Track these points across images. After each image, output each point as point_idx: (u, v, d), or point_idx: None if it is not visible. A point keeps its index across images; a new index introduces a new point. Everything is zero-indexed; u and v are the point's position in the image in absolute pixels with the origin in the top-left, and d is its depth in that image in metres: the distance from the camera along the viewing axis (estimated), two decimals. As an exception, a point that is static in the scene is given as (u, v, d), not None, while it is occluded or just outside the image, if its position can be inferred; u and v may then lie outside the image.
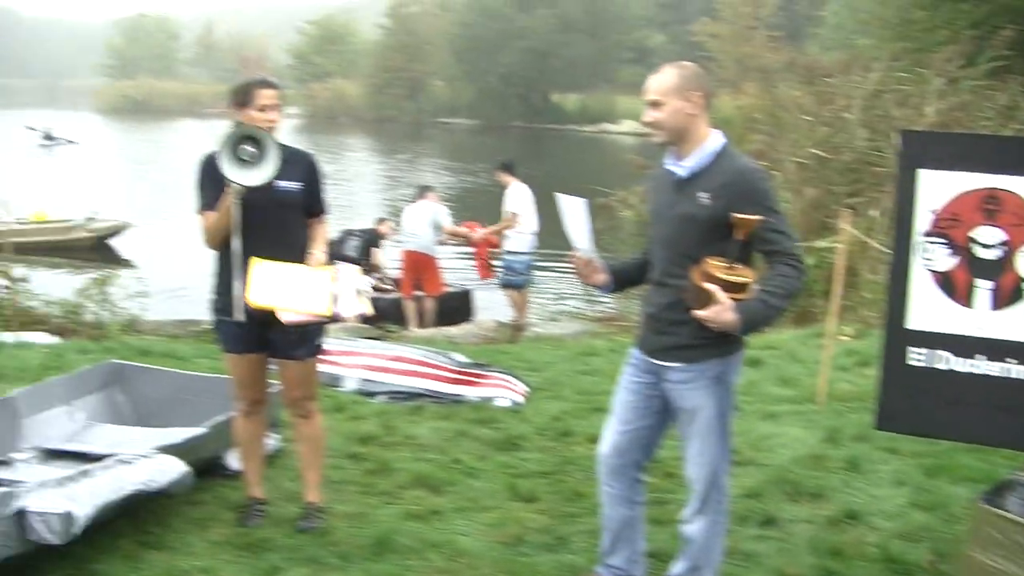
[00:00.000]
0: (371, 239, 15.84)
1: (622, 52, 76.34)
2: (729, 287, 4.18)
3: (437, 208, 14.78)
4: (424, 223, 14.52)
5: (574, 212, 4.67)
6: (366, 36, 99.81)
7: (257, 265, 5.30)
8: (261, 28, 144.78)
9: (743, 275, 4.25)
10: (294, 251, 5.48)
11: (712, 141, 4.48)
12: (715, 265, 4.24)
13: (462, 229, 15.42)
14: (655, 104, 4.46)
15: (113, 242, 25.57)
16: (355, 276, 5.49)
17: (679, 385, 4.58)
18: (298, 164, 5.56)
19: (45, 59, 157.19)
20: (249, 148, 5.18)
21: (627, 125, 66.07)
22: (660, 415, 4.76)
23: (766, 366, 9.85)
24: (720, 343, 4.45)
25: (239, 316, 5.39)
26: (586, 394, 8.88)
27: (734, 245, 4.27)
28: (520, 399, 8.75)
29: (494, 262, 15.36)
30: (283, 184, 5.44)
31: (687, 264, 4.36)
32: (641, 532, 4.96)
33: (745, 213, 4.23)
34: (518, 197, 14.18)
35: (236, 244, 5.38)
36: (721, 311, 4.17)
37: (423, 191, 15.35)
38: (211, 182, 5.44)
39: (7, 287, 12.85)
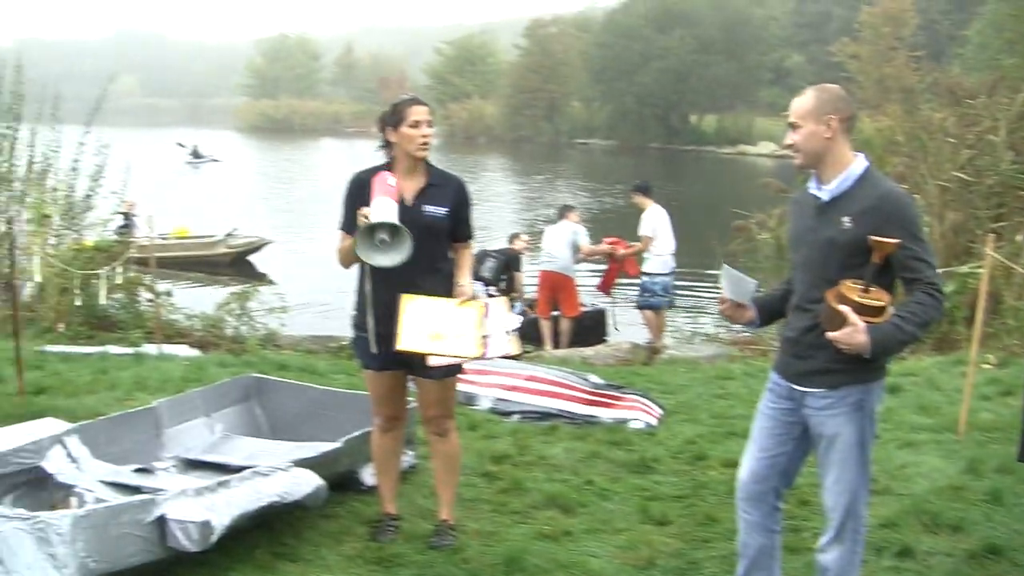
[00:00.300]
0: (509, 260, 15.79)
1: (761, 73, 75.71)
2: (863, 310, 4.13)
3: (577, 228, 14.75)
4: (563, 244, 14.51)
5: (740, 287, 4.66)
6: (503, 56, 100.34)
7: (408, 303, 5.33)
8: (399, 48, 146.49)
9: (879, 298, 4.19)
10: (438, 276, 5.52)
11: (856, 165, 4.42)
12: (850, 287, 4.20)
13: (603, 247, 15.37)
14: (793, 126, 4.46)
15: (252, 258, 26.02)
16: (504, 313, 5.46)
17: (819, 411, 4.49)
18: (447, 189, 5.58)
19: (189, 80, 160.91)
20: (383, 236, 5.21)
21: (765, 147, 65.48)
22: (799, 441, 4.67)
23: (905, 393, 9.64)
24: (861, 369, 4.35)
25: (373, 349, 5.47)
26: (721, 418, 8.80)
27: (871, 268, 4.21)
28: (655, 422, 8.69)
29: (616, 282, 15.29)
30: (430, 209, 5.48)
31: (827, 288, 4.30)
32: (778, 560, 4.86)
33: (887, 237, 4.16)
34: (654, 219, 14.10)
35: (368, 287, 5.48)
36: (853, 333, 4.13)
37: (564, 211, 15.34)
38: (354, 204, 5.49)
39: (151, 300, 13.15)
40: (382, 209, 5.22)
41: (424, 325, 5.31)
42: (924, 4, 70.44)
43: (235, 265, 25.32)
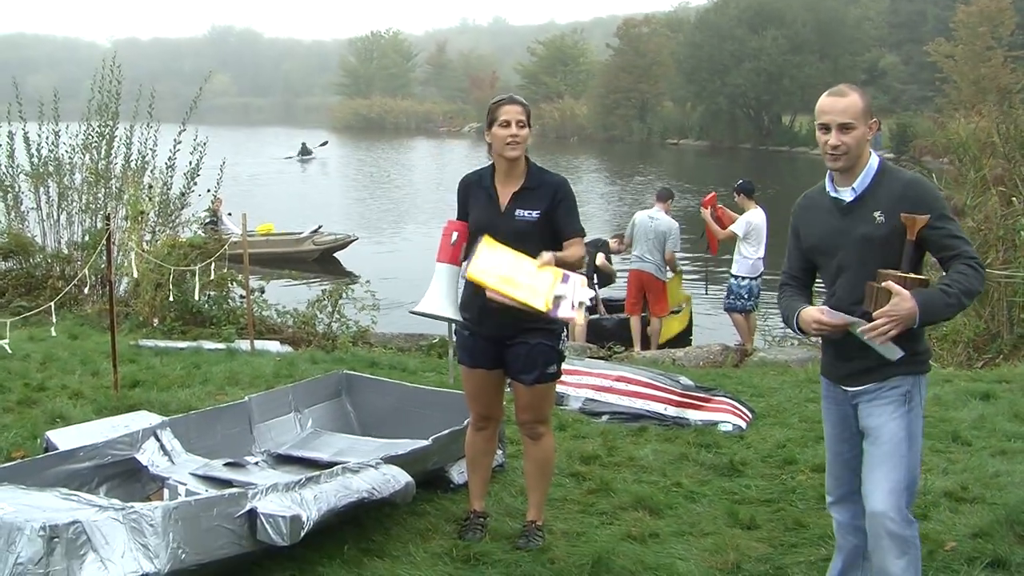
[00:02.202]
0: (600, 247, 15.67)
1: (854, 73, 74.52)
2: (907, 284, 4.20)
3: (669, 228, 14.46)
4: (654, 246, 14.33)
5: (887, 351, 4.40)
6: (595, 57, 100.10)
7: (487, 244, 5.34)
8: (491, 48, 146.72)
9: (919, 276, 4.27)
10: None
11: (872, 160, 4.49)
12: (890, 272, 4.26)
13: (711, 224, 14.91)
14: (845, 128, 4.41)
15: (339, 255, 26.21)
16: (581, 287, 5.41)
17: (868, 404, 4.50)
18: (544, 191, 5.55)
19: (282, 78, 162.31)
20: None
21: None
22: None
23: (999, 400, 9.48)
24: (909, 360, 4.37)
25: (456, 316, 5.54)
26: (811, 422, 8.69)
27: (907, 249, 4.31)
28: (744, 425, 8.64)
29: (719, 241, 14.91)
30: (521, 213, 5.50)
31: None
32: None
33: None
34: (751, 221, 13.91)
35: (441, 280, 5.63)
36: (900, 301, 4.16)
37: (662, 196, 14.90)
38: (465, 201, 5.65)
39: (243, 297, 13.31)
40: (431, 300, 5.56)
41: (498, 267, 5.29)
42: (1023, 3, 69.18)
43: (321, 262, 25.53)
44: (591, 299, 5.42)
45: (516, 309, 5.25)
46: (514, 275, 5.27)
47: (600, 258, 15.48)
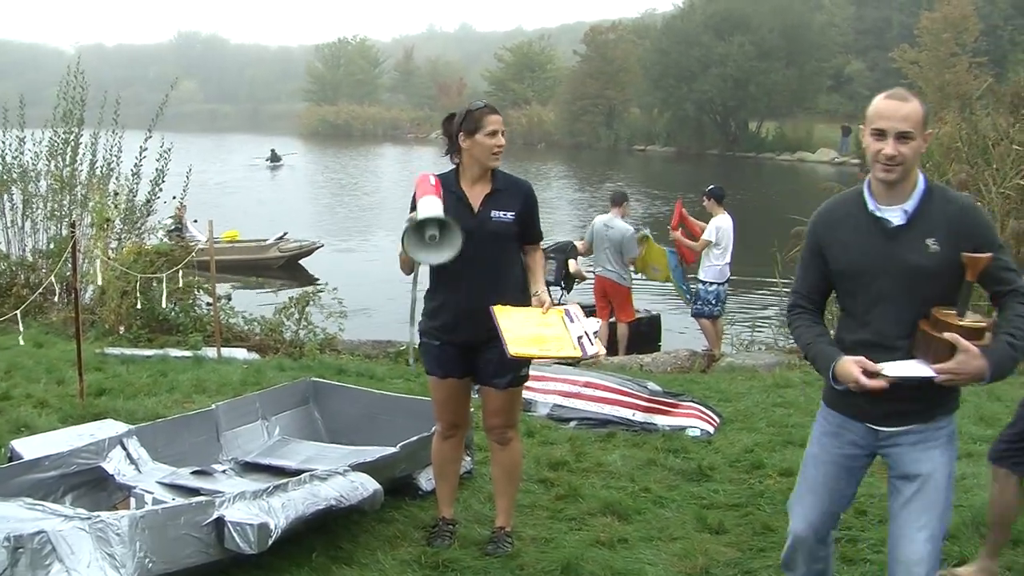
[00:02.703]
0: (568, 252, 15.65)
1: (820, 79, 75.02)
2: (967, 334, 3.83)
3: (624, 233, 14.46)
4: (611, 255, 14.34)
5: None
6: (562, 63, 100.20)
7: (500, 314, 5.33)
8: (458, 54, 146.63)
9: (978, 320, 3.90)
10: (507, 280, 5.55)
11: (920, 180, 4.06)
12: (946, 313, 3.91)
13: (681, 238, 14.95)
14: (905, 137, 3.94)
15: (305, 262, 26.15)
16: (583, 316, 5.48)
17: (912, 448, 4.12)
18: (514, 194, 5.61)
19: (249, 84, 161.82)
20: (432, 232, 5.21)
21: (824, 153, 65.04)
22: (859, 480, 4.39)
23: (965, 404, 9.47)
24: (950, 398, 4.12)
25: (410, 361, 5.53)
26: (779, 427, 8.73)
27: (966, 288, 3.95)
28: (712, 430, 8.66)
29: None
30: (497, 214, 5.51)
31: (916, 321, 4.00)
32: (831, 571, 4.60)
33: (974, 252, 3.90)
34: (720, 226, 13.95)
35: (414, 294, 5.57)
36: (968, 360, 3.80)
37: (616, 201, 14.91)
38: None
39: (210, 304, 13.25)
40: (429, 206, 5.25)
41: (523, 331, 5.31)
42: (987, 10, 69.67)
43: (287, 269, 25.46)
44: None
45: (487, 313, 5.32)
46: (536, 331, 5.34)
47: (572, 265, 15.48)
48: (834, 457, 4.30)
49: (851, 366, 4.00)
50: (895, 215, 4.03)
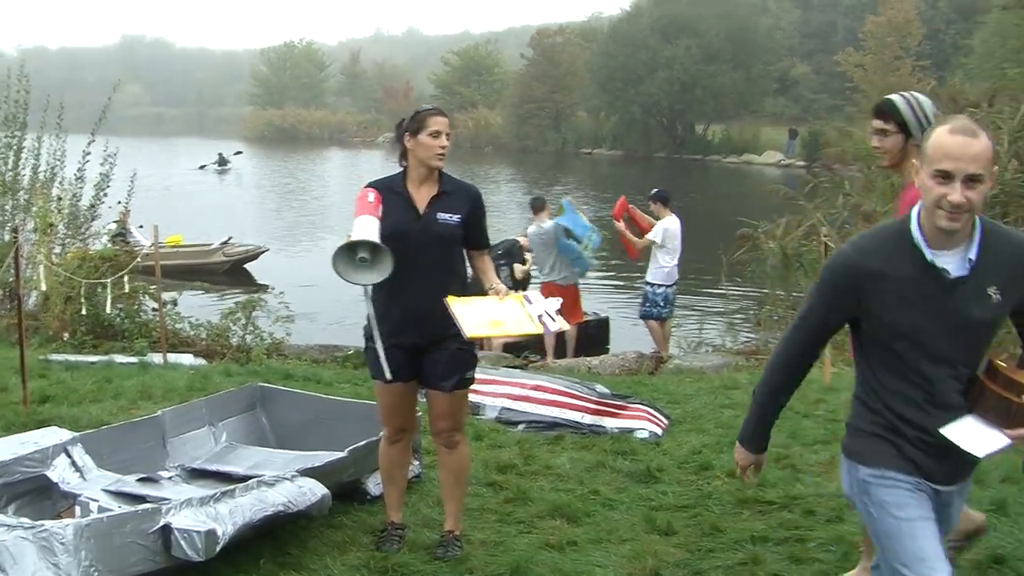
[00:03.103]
0: (514, 252, 15.62)
1: (766, 83, 75.54)
2: None
3: (553, 229, 14.48)
4: (549, 257, 14.37)
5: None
6: (509, 66, 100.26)
7: (454, 302, 5.34)
8: (405, 58, 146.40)
9: None
10: (452, 283, 5.52)
11: (976, 220, 3.52)
12: (1006, 367, 3.54)
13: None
14: (974, 180, 3.37)
15: (250, 266, 26.03)
16: (543, 299, 5.50)
17: (957, 499, 3.83)
18: (460, 197, 5.60)
19: (195, 88, 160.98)
20: (364, 254, 5.20)
21: (770, 156, 65.47)
22: None
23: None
24: None
25: (387, 374, 5.46)
26: (727, 428, 8.77)
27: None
28: (660, 431, 8.68)
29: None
30: (442, 216, 5.50)
31: (972, 376, 3.60)
32: None
33: None
34: (668, 228, 14.00)
35: (369, 309, 5.49)
36: None
37: (535, 207, 14.98)
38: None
39: (156, 310, 13.16)
40: (362, 228, 5.24)
41: (480, 316, 5.32)
42: (929, 14, 70.46)
43: (232, 273, 25.33)
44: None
45: (438, 316, 5.32)
46: (494, 316, 5.35)
47: (519, 270, 15.50)
48: (928, 514, 3.66)
49: (744, 459, 4.05)
50: (955, 264, 3.50)
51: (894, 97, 5.15)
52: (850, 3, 78.78)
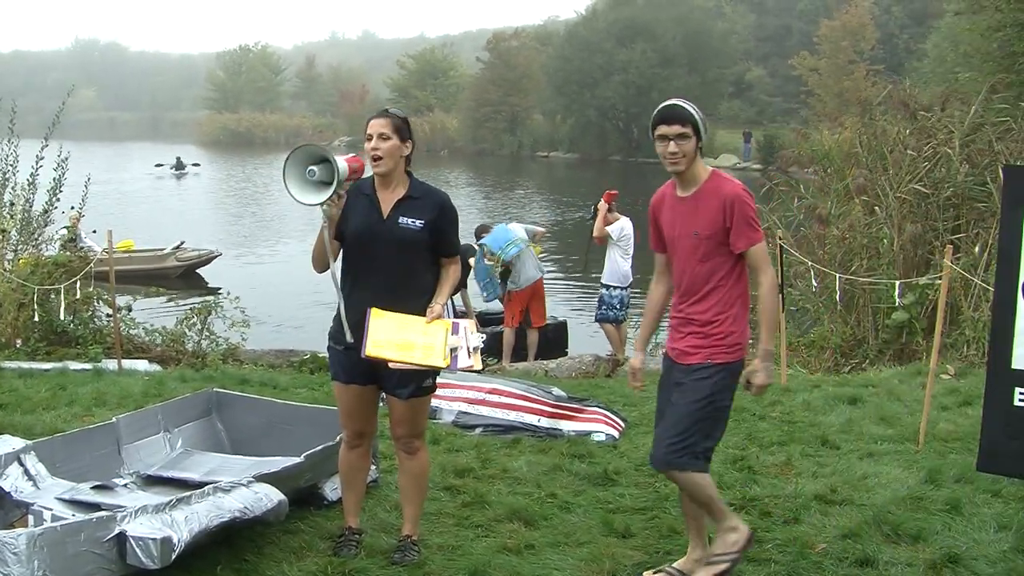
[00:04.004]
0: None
1: (722, 86, 75.98)
2: None
3: (527, 228, 14.56)
4: (529, 256, 14.41)
5: None
6: (465, 70, 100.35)
7: (375, 316, 5.33)
8: (361, 61, 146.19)
9: None
10: (416, 292, 5.51)
11: None
12: None
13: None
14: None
15: (204, 271, 25.91)
16: (471, 332, 5.47)
17: None
18: (428, 203, 5.55)
19: (149, 92, 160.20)
20: (312, 167, 5.20)
21: (726, 159, 65.71)
22: None
23: (865, 404, 9.70)
24: None
25: (348, 338, 5.43)
26: (683, 430, 8.78)
27: None
28: (617, 434, 8.70)
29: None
30: (404, 220, 5.47)
31: None
32: None
33: None
34: (624, 227, 14.02)
35: (333, 266, 5.45)
36: None
37: (479, 234, 15.13)
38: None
39: (110, 315, 13.08)
40: (324, 148, 5.29)
41: (391, 335, 5.29)
42: (883, 18, 71.05)
43: (185, 278, 25.20)
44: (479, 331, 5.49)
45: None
46: (407, 337, 5.33)
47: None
48: None
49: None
50: None
51: (681, 103, 5.37)
52: (804, 7, 79.37)
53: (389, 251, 5.42)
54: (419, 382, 5.57)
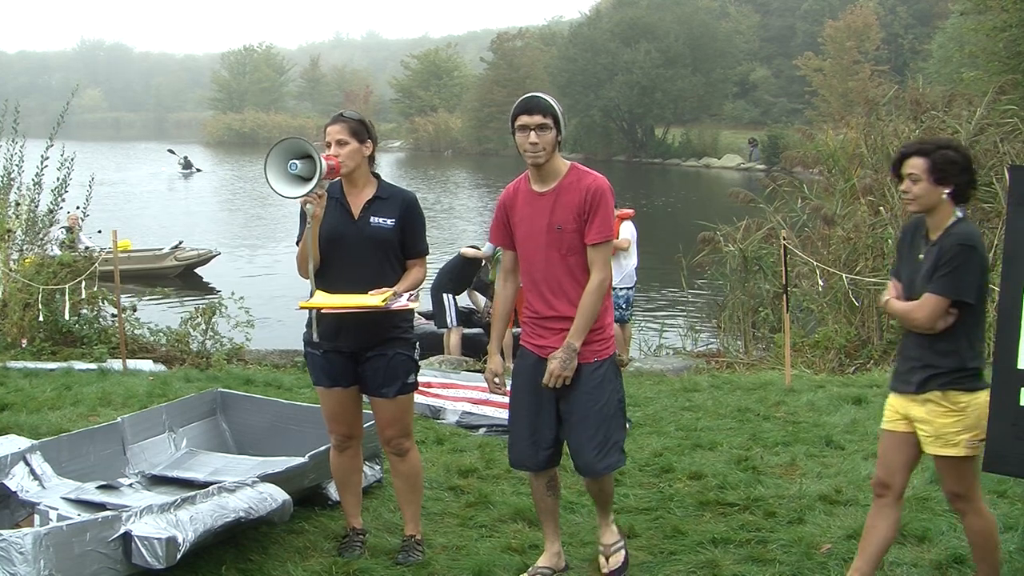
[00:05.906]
0: (463, 272, 15.29)
1: (726, 86, 75.81)
2: None
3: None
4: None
5: None
6: (469, 70, 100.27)
7: (320, 293, 5.41)
8: (365, 62, 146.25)
9: None
10: (387, 287, 5.49)
11: None
12: None
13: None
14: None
15: (203, 271, 25.91)
16: (410, 300, 5.51)
17: None
18: (395, 202, 5.59)
19: (154, 92, 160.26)
20: (294, 160, 5.20)
21: (730, 159, 65.65)
22: None
23: (870, 404, 9.67)
24: None
25: (315, 336, 5.45)
26: (688, 430, 8.79)
27: None
28: (620, 434, 8.69)
29: None
30: (375, 220, 5.50)
31: None
32: None
33: None
34: (626, 232, 14.01)
35: (310, 266, 5.44)
36: None
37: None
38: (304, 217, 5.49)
39: (115, 316, 13.09)
40: (306, 143, 5.29)
41: (329, 300, 5.38)
42: (888, 19, 70.94)
43: (184, 277, 25.22)
44: (486, 306, 5.50)
45: (373, 321, 5.42)
46: (344, 299, 5.37)
47: (476, 296, 15.40)
48: None
49: None
50: None
51: (542, 95, 5.49)
52: (809, 8, 79.20)
53: (361, 251, 5.46)
54: (403, 379, 5.62)
